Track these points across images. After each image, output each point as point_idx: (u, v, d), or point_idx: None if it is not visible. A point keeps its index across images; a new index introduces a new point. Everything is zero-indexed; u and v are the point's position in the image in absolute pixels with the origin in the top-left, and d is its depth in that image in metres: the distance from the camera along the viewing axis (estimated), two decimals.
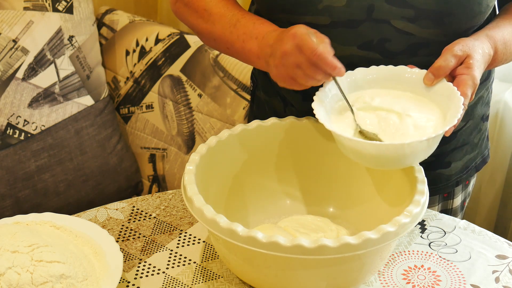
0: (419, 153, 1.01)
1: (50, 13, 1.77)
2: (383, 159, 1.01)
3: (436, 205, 1.35)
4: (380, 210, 1.11)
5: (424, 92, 1.07)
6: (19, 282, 0.95)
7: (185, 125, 1.83)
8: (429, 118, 1.04)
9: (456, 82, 1.04)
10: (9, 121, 1.72)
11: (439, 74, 1.05)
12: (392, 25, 1.11)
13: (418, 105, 1.06)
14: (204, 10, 1.17)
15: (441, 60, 1.05)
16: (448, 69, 1.05)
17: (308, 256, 0.93)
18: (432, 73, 1.05)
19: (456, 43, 1.06)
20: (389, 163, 1.03)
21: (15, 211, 1.72)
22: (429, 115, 1.04)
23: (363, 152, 1.01)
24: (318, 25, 1.12)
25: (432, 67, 1.05)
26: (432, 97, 1.06)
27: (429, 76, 1.06)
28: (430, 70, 1.06)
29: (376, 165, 1.05)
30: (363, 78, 1.09)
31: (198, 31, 1.20)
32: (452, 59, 1.05)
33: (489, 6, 1.12)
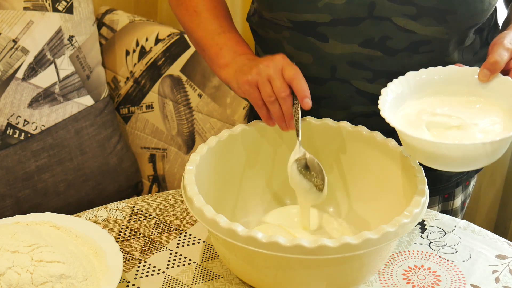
0: (501, 150, 0.98)
1: (50, 13, 1.77)
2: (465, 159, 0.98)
3: (436, 205, 1.35)
4: (380, 210, 1.11)
5: (480, 90, 1.05)
6: (19, 282, 0.95)
7: (185, 125, 1.83)
8: (494, 120, 1.01)
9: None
10: (9, 121, 1.72)
11: (495, 69, 1.03)
12: (393, 23, 1.11)
13: (478, 110, 1.04)
14: (194, 11, 1.21)
15: (495, 55, 1.03)
16: (503, 63, 1.03)
17: (308, 256, 0.93)
18: (488, 69, 1.04)
19: (503, 36, 1.05)
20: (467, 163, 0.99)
21: (15, 211, 1.72)
22: (493, 117, 1.02)
23: (443, 155, 0.97)
24: (319, 23, 1.12)
25: (487, 62, 1.04)
26: (490, 94, 1.04)
27: (485, 72, 1.04)
28: (485, 66, 1.04)
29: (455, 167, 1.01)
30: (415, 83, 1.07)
31: (184, 26, 1.25)
32: (506, 53, 1.03)
33: (491, 4, 1.11)
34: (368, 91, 1.17)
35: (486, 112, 1.03)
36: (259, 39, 1.28)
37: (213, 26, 1.19)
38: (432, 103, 1.06)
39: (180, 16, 1.24)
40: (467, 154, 0.97)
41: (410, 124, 1.02)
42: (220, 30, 1.18)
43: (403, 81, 1.07)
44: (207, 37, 1.18)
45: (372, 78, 1.16)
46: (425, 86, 1.08)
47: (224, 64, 1.14)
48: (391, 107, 1.03)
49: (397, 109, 1.05)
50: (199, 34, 1.20)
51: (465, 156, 0.97)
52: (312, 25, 1.13)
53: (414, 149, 1.01)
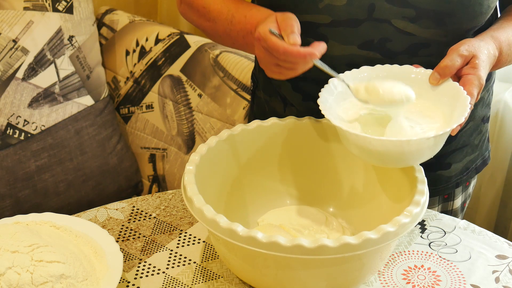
0: (425, 151, 1.01)
1: (50, 13, 1.77)
2: (388, 156, 1.01)
3: (436, 206, 1.35)
4: (380, 210, 1.11)
5: (429, 92, 1.06)
6: (19, 282, 0.95)
7: (185, 125, 1.83)
8: (432, 127, 1.03)
9: (462, 82, 1.04)
10: (9, 121, 1.72)
11: (445, 73, 1.05)
12: (392, 25, 1.11)
13: (423, 112, 1.05)
14: (203, 8, 1.18)
15: (447, 60, 1.05)
16: (454, 68, 1.04)
17: (308, 256, 0.93)
18: (438, 73, 1.05)
19: (461, 43, 1.06)
20: (393, 160, 1.02)
21: (15, 211, 1.72)
22: (433, 123, 1.04)
23: (369, 149, 1.00)
24: (319, 24, 1.12)
25: (438, 66, 1.05)
26: (437, 97, 1.06)
27: (435, 76, 1.05)
28: (436, 69, 1.05)
29: (380, 162, 1.05)
30: (368, 76, 1.09)
31: (203, 29, 1.21)
32: (458, 59, 1.04)
33: (490, 7, 1.12)
34: None
35: (427, 116, 1.05)
36: None
37: (224, 15, 1.15)
38: None
39: (196, 20, 1.21)
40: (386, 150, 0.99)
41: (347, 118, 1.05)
42: (230, 17, 1.14)
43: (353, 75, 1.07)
44: (227, 31, 1.15)
45: None
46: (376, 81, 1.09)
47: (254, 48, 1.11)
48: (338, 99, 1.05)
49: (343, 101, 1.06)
50: (220, 30, 1.17)
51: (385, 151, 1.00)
52: (312, 26, 1.13)
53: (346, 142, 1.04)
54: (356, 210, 1.16)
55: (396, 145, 0.99)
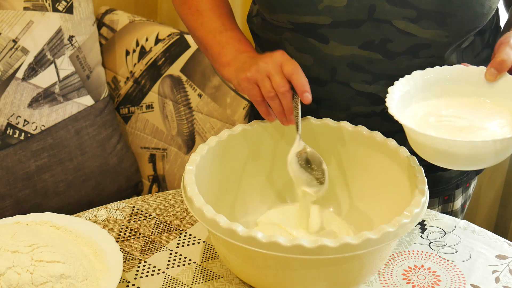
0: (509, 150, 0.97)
1: (50, 13, 1.77)
2: (476, 157, 0.97)
3: (436, 207, 1.35)
4: (380, 210, 1.11)
5: (487, 90, 1.05)
6: (19, 282, 0.95)
7: (185, 125, 1.83)
8: (501, 123, 1.01)
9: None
10: (9, 121, 1.72)
11: (502, 68, 1.03)
12: (393, 26, 1.11)
13: (485, 113, 1.03)
14: (196, 10, 1.22)
15: (502, 54, 1.03)
16: (510, 62, 1.03)
17: (308, 256, 0.92)
18: (495, 68, 1.04)
19: (509, 36, 1.05)
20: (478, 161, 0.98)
21: (15, 211, 1.72)
22: (500, 119, 1.02)
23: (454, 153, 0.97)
24: (319, 25, 1.12)
25: (494, 61, 1.04)
26: (497, 94, 1.04)
27: (492, 72, 1.04)
28: (492, 65, 1.04)
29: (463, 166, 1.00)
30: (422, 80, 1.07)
31: (187, 25, 1.25)
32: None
33: (491, 8, 1.11)
34: (368, 91, 1.17)
35: (493, 115, 1.03)
36: (259, 41, 1.28)
37: (215, 25, 1.19)
38: (438, 105, 1.06)
39: (183, 15, 1.25)
40: (476, 152, 0.97)
41: (417, 125, 1.02)
42: (222, 29, 1.18)
43: (410, 80, 1.07)
44: (209, 36, 1.19)
45: (371, 81, 1.16)
46: (432, 85, 1.08)
47: (226, 63, 1.14)
48: (398, 106, 1.03)
49: (404, 108, 1.05)
50: (202, 33, 1.20)
51: (474, 153, 0.97)
52: (313, 27, 1.13)
53: (422, 147, 1.01)
54: (356, 210, 1.16)
55: (488, 145, 0.95)
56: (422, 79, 1.08)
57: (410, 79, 1.07)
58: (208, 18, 1.20)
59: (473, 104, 1.06)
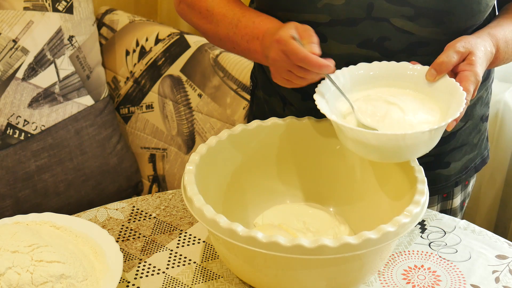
0: (421, 145, 1.01)
1: (50, 13, 1.77)
2: (383, 150, 1.01)
3: (435, 205, 1.35)
4: (380, 210, 1.11)
5: (426, 89, 1.07)
6: (19, 282, 0.95)
7: (185, 125, 1.83)
8: (428, 120, 1.03)
9: (459, 78, 1.04)
10: (9, 121, 1.72)
11: (442, 69, 1.05)
12: (391, 24, 1.11)
13: (419, 104, 1.06)
14: (206, 11, 1.18)
15: (443, 56, 1.05)
16: (450, 65, 1.05)
17: (308, 256, 0.92)
18: (434, 69, 1.06)
19: (458, 40, 1.07)
20: (389, 155, 1.02)
21: (15, 211, 1.72)
22: (429, 115, 1.04)
23: (364, 143, 1.00)
24: (318, 23, 1.12)
25: (435, 63, 1.06)
26: (434, 93, 1.06)
27: (432, 72, 1.06)
28: (432, 66, 1.06)
29: (377, 157, 1.04)
30: (365, 73, 1.09)
31: (203, 31, 1.21)
32: (455, 55, 1.05)
33: (488, 5, 1.12)
34: None
35: (425, 109, 1.05)
36: None
37: (229, 19, 1.15)
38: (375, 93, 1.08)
39: (196, 21, 1.21)
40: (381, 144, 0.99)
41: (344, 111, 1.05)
42: (236, 21, 1.14)
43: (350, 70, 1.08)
44: (230, 34, 1.15)
45: None
46: (373, 78, 1.09)
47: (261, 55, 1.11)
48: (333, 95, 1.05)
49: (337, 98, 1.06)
50: (222, 32, 1.16)
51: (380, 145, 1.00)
52: (311, 25, 1.13)
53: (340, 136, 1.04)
54: (356, 210, 1.16)
55: (391, 139, 0.99)
56: (364, 71, 1.09)
57: (353, 69, 1.08)
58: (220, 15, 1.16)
59: (408, 95, 1.08)
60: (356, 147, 1.03)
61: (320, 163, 1.18)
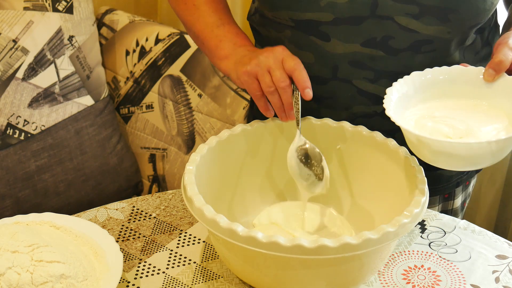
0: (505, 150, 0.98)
1: (50, 13, 1.77)
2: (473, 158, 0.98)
3: (437, 205, 1.35)
4: (380, 210, 1.11)
5: (485, 91, 1.05)
6: (19, 282, 0.95)
7: (185, 125, 1.83)
8: (497, 128, 1.01)
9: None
10: (9, 121, 1.72)
11: (501, 68, 1.03)
12: (396, 22, 1.11)
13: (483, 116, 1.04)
14: (193, 5, 1.22)
15: (500, 55, 1.03)
16: (508, 63, 1.03)
17: (308, 256, 0.92)
18: (493, 69, 1.04)
19: (507, 37, 1.05)
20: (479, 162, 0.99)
21: (15, 211, 1.72)
22: (497, 124, 1.02)
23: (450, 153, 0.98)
24: (321, 21, 1.12)
25: (492, 62, 1.04)
26: (495, 95, 1.04)
27: (490, 72, 1.04)
28: (490, 65, 1.04)
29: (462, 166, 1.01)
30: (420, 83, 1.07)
31: (183, 21, 1.25)
32: (510, 53, 1.03)
33: (493, 3, 1.11)
34: (370, 91, 1.17)
35: (490, 118, 1.03)
36: (260, 38, 1.28)
37: (212, 19, 1.19)
38: (436, 107, 1.07)
39: (179, 11, 1.25)
40: (472, 153, 0.97)
41: (415, 127, 1.02)
42: (219, 23, 1.18)
43: (408, 81, 1.07)
44: (206, 30, 1.19)
45: (373, 78, 1.16)
46: (430, 86, 1.08)
47: (224, 56, 1.15)
48: (396, 107, 1.04)
49: (402, 109, 1.05)
50: (198, 27, 1.20)
51: (470, 155, 0.97)
52: (314, 24, 1.13)
53: (420, 149, 1.01)
54: (356, 210, 1.16)
55: (482, 147, 0.96)
56: (420, 80, 1.08)
57: (408, 80, 1.07)
58: (204, 13, 1.20)
59: (470, 107, 1.06)
60: (435, 158, 1.00)
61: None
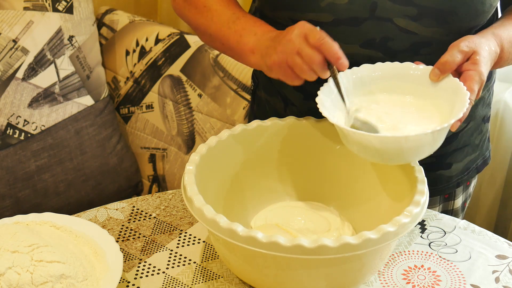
0: (424, 147, 1.00)
1: (50, 13, 1.77)
2: (387, 152, 1.01)
3: (437, 206, 1.35)
4: (380, 210, 1.11)
5: (429, 89, 1.06)
6: (19, 282, 0.95)
7: (185, 125, 1.83)
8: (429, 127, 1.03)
9: (463, 77, 1.03)
10: (9, 121, 1.72)
11: (445, 69, 1.04)
12: (395, 24, 1.11)
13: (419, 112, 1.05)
14: (203, 6, 1.18)
15: (447, 56, 1.04)
16: (454, 64, 1.04)
17: (308, 256, 0.93)
18: (438, 69, 1.05)
19: (462, 39, 1.06)
20: (392, 157, 1.02)
21: (15, 211, 1.72)
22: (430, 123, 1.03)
23: (367, 146, 1.00)
24: (321, 22, 1.12)
25: (438, 62, 1.05)
26: (438, 93, 1.05)
27: (435, 72, 1.05)
28: (436, 65, 1.05)
29: (380, 159, 1.04)
30: (368, 75, 1.08)
31: (195, 26, 1.21)
32: (459, 55, 1.04)
33: (492, 5, 1.12)
34: None
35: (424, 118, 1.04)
36: None
37: (227, 16, 1.14)
38: (377, 100, 1.08)
39: (190, 16, 1.21)
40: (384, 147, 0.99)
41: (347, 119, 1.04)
42: (234, 18, 1.14)
43: (354, 72, 1.07)
44: (223, 28, 1.14)
45: None
46: (376, 79, 1.09)
47: (249, 51, 1.10)
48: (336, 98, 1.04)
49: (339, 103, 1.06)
50: (214, 27, 1.16)
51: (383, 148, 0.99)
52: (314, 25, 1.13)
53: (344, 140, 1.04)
54: (356, 210, 1.16)
55: (395, 142, 0.98)
56: (367, 72, 1.08)
57: (356, 71, 1.08)
58: (217, 12, 1.16)
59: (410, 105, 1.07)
60: (360, 150, 1.03)
61: (320, 163, 1.18)
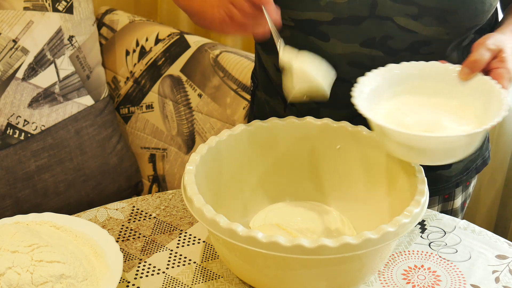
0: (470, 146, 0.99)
1: (50, 13, 1.77)
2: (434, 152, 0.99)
3: (436, 206, 1.35)
4: (380, 210, 1.11)
5: (459, 89, 1.05)
6: (19, 282, 0.95)
7: (185, 125, 1.83)
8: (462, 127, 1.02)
9: (493, 76, 1.03)
10: (9, 121, 1.72)
11: (475, 68, 1.04)
12: (395, 22, 1.11)
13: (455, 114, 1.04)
14: None
15: (476, 54, 1.03)
16: (483, 62, 1.03)
17: (308, 256, 0.92)
18: (468, 67, 1.04)
19: (487, 37, 1.05)
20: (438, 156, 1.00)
21: (15, 211, 1.72)
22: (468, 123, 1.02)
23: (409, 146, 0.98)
24: (321, 21, 1.12)
25: (467, 61, 1.04)
26: (468, 93, 1.04)
27: (465, 71, 1.04)
28: (465, 64, 1.04)
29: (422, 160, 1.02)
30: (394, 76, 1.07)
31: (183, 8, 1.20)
32: (487, 53, 1.03)
33: (492, 5, 1.12)
34: None
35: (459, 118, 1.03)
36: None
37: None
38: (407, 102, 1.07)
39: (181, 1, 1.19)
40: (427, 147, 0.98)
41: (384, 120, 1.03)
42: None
43: (382, 73, 1.07)
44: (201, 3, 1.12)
45: None
46: (404, 80, 1.08)
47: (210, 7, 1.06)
48: (368, 99, 1.03)
49: (373, 103, 1.05)
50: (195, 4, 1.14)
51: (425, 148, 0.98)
52: (314, 24, 1.13)
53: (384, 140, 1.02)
54: (356, 210, 1.16)
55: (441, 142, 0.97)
56: (394, 73, 1.07)
57: (382, 72, 1.07)
58: None
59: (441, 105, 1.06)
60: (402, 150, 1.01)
61: (320, 163, 1.18)
